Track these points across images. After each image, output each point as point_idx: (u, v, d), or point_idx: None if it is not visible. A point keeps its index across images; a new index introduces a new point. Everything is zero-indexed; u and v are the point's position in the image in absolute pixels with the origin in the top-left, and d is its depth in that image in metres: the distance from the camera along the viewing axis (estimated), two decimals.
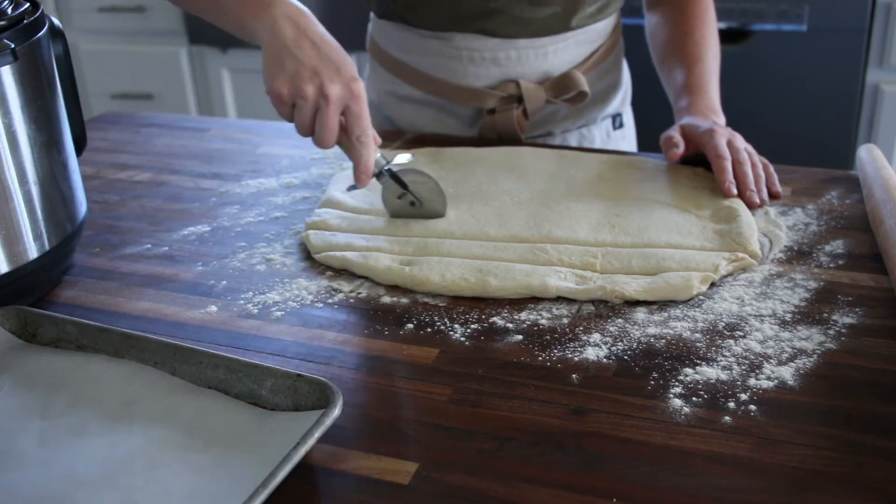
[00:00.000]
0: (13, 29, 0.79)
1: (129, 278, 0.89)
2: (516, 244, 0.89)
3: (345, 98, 0.89)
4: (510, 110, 1.16)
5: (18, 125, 0.79)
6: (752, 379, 0.69)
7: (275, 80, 0.90)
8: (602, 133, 1.27)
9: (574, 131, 1.25)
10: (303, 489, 0.61)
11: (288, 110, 0.91)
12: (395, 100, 1.25)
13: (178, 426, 0.65)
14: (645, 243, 0.88)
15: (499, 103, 1.17)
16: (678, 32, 1.18)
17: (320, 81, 0.88)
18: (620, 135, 1.29)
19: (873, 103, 2.22)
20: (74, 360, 0.73)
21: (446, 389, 0.70)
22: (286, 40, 0.90)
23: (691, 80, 1.12)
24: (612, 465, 0.62)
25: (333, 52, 0.90)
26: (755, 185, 0.98)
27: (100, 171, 1.15)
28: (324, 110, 0.89)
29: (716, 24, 1.20)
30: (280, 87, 0.89)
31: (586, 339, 0.75)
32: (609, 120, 1.27)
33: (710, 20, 1.19)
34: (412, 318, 0.80)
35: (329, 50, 0.90)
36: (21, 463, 0.62)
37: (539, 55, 1.17)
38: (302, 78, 0.88)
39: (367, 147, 0.91)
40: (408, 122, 1.25)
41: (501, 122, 1.17)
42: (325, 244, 0.90)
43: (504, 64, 1.17)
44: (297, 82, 0.88)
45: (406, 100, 1.24)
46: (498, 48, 1.16)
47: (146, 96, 2.87)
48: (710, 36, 1.17)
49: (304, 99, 0.88)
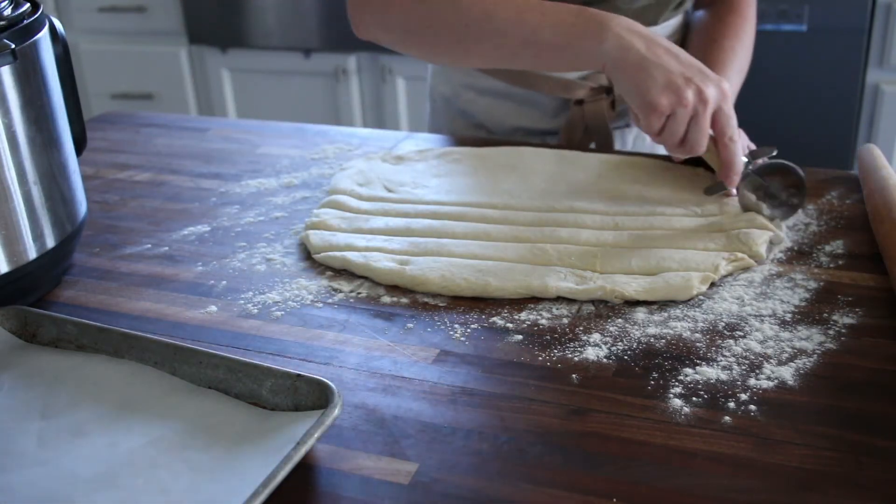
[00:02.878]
0: (13, 29, 0.79)
1: (129, 278, 0.89)
2: (516, 244, 0.89)
3: (719, 99, 0.89)
4: (600, 100, 1.15)
5: (18, 125, 0.79)
6: (752, 379, 0.70)
7: (650, 93, 0.89)
8: None
9: None
10: (303, 489, 0.61)
11: (661, 122, 0.90)
12: (475, 93, 1.24)
13: (178, 426, 0.65)
14: (646, 243, 0.89)
15: (588, 94, 1.16)
16: (707, 39, 1.17)
17: (696, 86, 0.88)
18: None
19: (873, 103, 2.22)
20: (74, 360, 0.73)
21: (446, 389, 0.70)
22: (642, 52, 0.90)
23: None
24: (612, 465, 0.62)
25: (688, 56, 0.90)
26: None
27: (100, 171, 1.15)
28: (701, 114, 0.88)
29: (751, 38, 1.18)
30: (658, 98, 0.88)
31: (586, 339, 0.75)
32: None
33: (743, 33, 1.18)
34: (412, 318, 0.80)
35: (684, 54, 0.90)
36: (21, 463, 0.62)
37: None
38: (678, 85, 0.88)
39: (738, 146, 0.91)
40: (487, 115, 1.24)
41: (591, 112, 1.16)
42: (325, 244, 0.90)
43: None
44: (675, 90, 0.88)
45: (487, 93, 1.23)
46: None
47: (146, 96, 2.87)
48: (739, 48, 1.16)
49: (685, 106, 0.88)
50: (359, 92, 2.69)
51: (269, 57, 2.69)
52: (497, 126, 1.24)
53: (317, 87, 2.71)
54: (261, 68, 2.71)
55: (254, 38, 2.68)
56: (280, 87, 2.73)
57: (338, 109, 2.71)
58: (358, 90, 2.69)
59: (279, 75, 2.71)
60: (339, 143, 1.21)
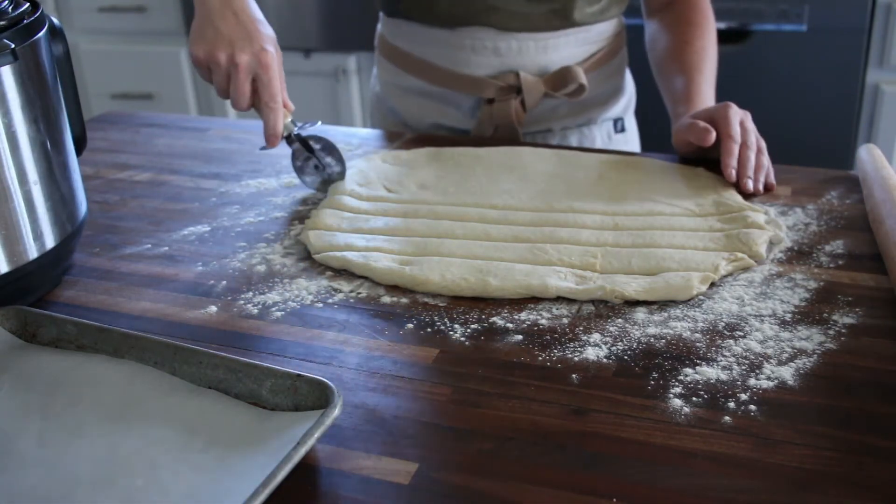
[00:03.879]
0: (13, 29, 0.79)
1: (129, 278, 0.89)
2: (516, 244, 0.89)
3: (253, 66, 0.98)
4: (508, 100, 1.19)
5: (18, 125, 0.79)
6: (752, 379, 0.69)
7: (193, 45, 1.00)
8: (603, 134, 1.28)
9: (574, 129, 1.26)
10: (303, 489, 0.61)
11: (205, 74, 1.00)
12: (400, 91, 1.28)
13: (178, 426, 0.65)
14: (646, 243, 0.89)
15: (498, 93, 1.19)
16: (678, 42, 1.19)
17: (232, 50, 0.97)
18: (622, 138, 1.30)
19: (873, 103, 2.22)
20: (74, 360, 0.73)
21: (446, 389, 0.70)
22: (213, 8, 0.99)
23: (691, 88, 1.14)
24: (612, 465, 0.62)
25: (250, 24, 0.99)
26: (755, 174, 1.00)
27: (100, 171, 1.15)
28: (234, 76, 0.98)
29: (715, 34, 1.21)
30: (197, 52, 0.99)
31: (586, 339, 0.75)
32: (610, 122, 1.28)
33: (709, 31, 1.21)
34: (412, 318, 0.80)
35: (247, 21, 0.99)
36: (21, 463, 0.62)
37: (539, 48, 1.19)
38: (217, 46, 0.98)
39: (274, 112, 1.00)
40: (411, 114, 1.28)
41: (499, 112, 1.20)
42: (325, 244, 0.90)
43: (504, 54, 1.19)
44: (212, 49, 0.98)
45: (410, 91, 1.27)
46: (499, 38, 1.18)
47: (146, 96, 2.87)
48: (709, 46, 1.19)
49: (217, 65, 0.98)
50: (359, 92, 2.69)
51: None
52: (418, 123, 1.28)
53: (317, 87, 2.70)
54: None
55: None
56: None
57: (338, 109, 2.71)
58: (358, 90, 2.69)
59: None
60: (339, 143, 1.20)
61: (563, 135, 1.25)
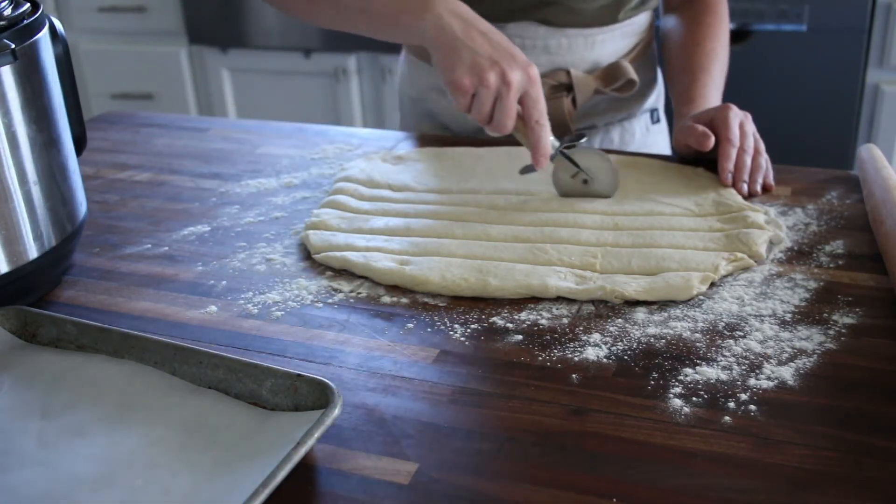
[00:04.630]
0: (13, 29, 0.79)
1: (129, 278, 0.89)
2: (516, 244, 0.89)
3: (524, 83, 0.92)
4: (560, 98, 1.16)
5: (18, 125, 0.79)
6: (752, 379, 0.69)
7: (454, 72, 0.92)
8: (642, 127, 1.27)
9: (616, 124, 1.25)
10: (303, 489, 0.61)
11: (467, 101, 0.93)
12: (438, 93, 1.25)
13: (178, 426, 0.65)
14: (646, 243, 0.89)
15: (549, 92, 1.16)
16: (690, 42, 1.19)
17: (500, 69, 0.91)
18: (658, 129, 1.30)
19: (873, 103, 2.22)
20: (74, 360, 0.73)
21: (446, 389, 0.70)
22: (456, 33, 0.93)
23: (696, 88, 1.13)
24: (612, 465, 0.62)
25: (504, 40, 0.93)
26: (752, 176, 1.00)
27: (100, 171, 1.15)
28: (504, 96, 0.91)
29: (728, 37, 1.21)
30: (461, 78, 0.92)
31: (586, 339, 0.75)
32: (648, 114, 1.28)
33: (722, 33, 1.20)
34: (412, 318, 0.80)
35: (500, 39, 0.93)
36: (21, 463, 0.62)
37: (588, 44, 1.18)
38: (482, 67, 0.91)
39: (545, 129, 0.94)
40: (451, 116, 1.25)
41: (552, 110, 1.16)
42: (325, 244, 0.90)
43: (554, 52, 1.18)
44: (479, 72, 0.91)
45: None
46: (549, 36, 1.17)
47: (146, 96, 2.87)
48: (720, 49, 1.18)
49: (487, 87, 0.91)
50: (359, 92, 2.69)
51: (269, 57, 2.69)
52: (462, 126, 1.25)
53: (317, 87, 2.70)
54: (261, 68, 2.71)
55: (254, 38, 2.68)
56: (280, 87, 2.73)
57: (338, 109, 2.71)
58: (358, 90, 2.69)
59: (279, 75, 2.71)
60: (339, 143, 1.21)
61: (606, 130, 1.24)
